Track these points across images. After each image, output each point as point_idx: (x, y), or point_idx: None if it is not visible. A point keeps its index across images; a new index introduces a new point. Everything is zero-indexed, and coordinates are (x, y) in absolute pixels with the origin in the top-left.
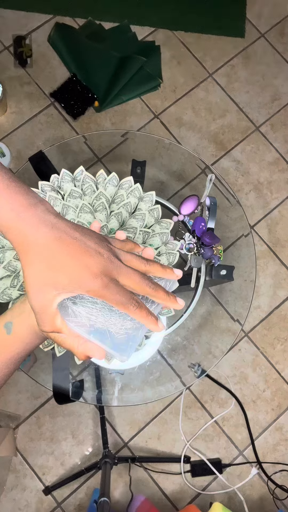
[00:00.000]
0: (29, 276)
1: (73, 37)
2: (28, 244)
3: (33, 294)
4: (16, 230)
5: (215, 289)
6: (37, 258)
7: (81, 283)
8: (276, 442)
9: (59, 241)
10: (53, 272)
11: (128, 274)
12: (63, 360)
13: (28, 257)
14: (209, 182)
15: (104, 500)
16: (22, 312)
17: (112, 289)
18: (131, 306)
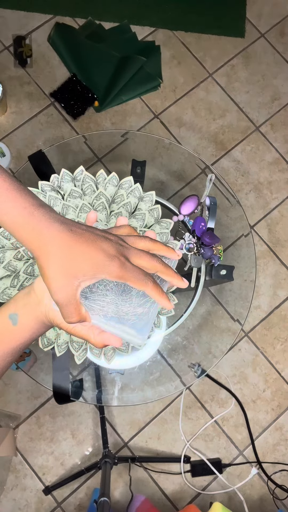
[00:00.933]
0: (50, 270)
1: (73, 37)
2: (44, 240)
3: (57, 287)
4: (30, 227)
5: (215, 289)
6: (55, 251)
7: (101, 266)
8: (276, 442)
9: (72, 232)
10: (73, 262)
11: (138, 253)
12: (63, 360)
13: (45, 252)
14: (209, 182)
15: (104, 500)
16: (27, 304)
17: (129, 267)
18: (149, 282)
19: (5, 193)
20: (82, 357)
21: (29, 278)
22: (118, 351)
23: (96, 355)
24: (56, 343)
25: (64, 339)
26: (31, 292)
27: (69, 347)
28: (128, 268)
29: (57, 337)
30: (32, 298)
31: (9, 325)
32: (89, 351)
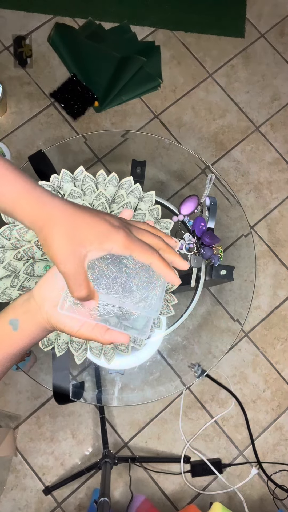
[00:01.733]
0: (55, 239)
1: (73, 37)
2: (48, 209)
3: (63, 258)
4: (33, 199)
5: (215, 289)
6: (60, 220)
7: (106, 235)
8: (276, 442)
9: (74, 205)
10: (78, 230)
11: (140, 230)
12: (63, 360)
13: (49, 221)
14: (209, 182)
15: (104, 500)
16: (27, 311)
17: (134, 239)
18: (155, 253)
19: (5, 174)
20: (82, 357)
21: (29, 278)
22: (118, 351)
23: (96, 355)
24: (56, 343)
25: (64, 339)
26: (31, 299)
27: (69, 347)
28: (134, 239)
29: (57, 337)
30: (32, 305)
31: (10, 330)
32: (89, 351)
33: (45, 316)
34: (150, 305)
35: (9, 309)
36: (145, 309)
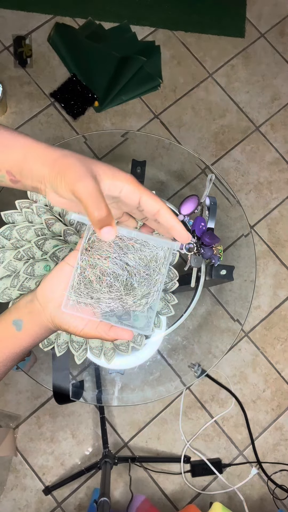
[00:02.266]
0: (71, 166)
1: (73, 37)
2: (60, 151)
3: (81, 178)
4: (43, 146)
5: (215, 289)
6: (74, 155)
7: (119, 172)
8: (276, 442)
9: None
10: (93, 163)
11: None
12: (63, 360)
13: (63, 157)
14: (209, 182)
15: (104, 500)
16: (31, 312)
17: (141, 185)
18: (163, 202)
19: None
20: (82, 357)
21: (29, 278)
22: (118, 351)
23: (96, 355)
24: (56, 343)
25: (64, 339)
26: (34, 300)
27: (69, 347)
28: (140, 185)
29: (57, 337)
30: (36, 305)
31: (13, 331)
32: (89, 351)
33: (49, 317)
34: (153, 301)
35: (13, 309)
36: (147, 305)
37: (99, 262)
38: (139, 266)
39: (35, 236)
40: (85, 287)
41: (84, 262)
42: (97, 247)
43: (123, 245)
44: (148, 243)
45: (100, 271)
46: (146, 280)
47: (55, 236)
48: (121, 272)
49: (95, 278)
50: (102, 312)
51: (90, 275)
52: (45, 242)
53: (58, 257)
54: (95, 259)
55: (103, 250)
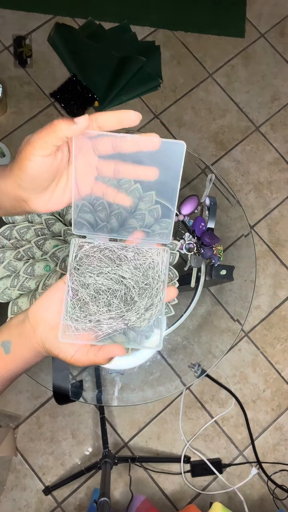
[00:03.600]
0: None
1: (73, 37)
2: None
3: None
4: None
5: (215, 289)
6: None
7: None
8: (276, 442)
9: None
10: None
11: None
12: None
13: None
14: (209, 182)
15: (104, 500)
16: (21, 334)
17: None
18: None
19: None
20: None
21: (29, 278)
22: None
23: None
24: None
25: None
26: (26, 321)
27: None
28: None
29: None
30: (27, 327)
31: (1, 353)
32: None
33: (39, 340)
34: (158, 312)
35: (4, 329)
36: (153, 318)
37: (91, 280)
38: (136, 276)
39: (35, 236)
40: (81, 311)
41: (75, 283)
42: (86, 264)
43: (114, 257)
44: (141, 249)
45: (94, 290)
46: (147, 290)
47: (55, 236)
48: (118, 287)
49: (90, 299)
50: (104, 334)
51: (84, 296)
52: (45, 242)
53: (58, 257)
54: (86, 278)
55: (94, 266)
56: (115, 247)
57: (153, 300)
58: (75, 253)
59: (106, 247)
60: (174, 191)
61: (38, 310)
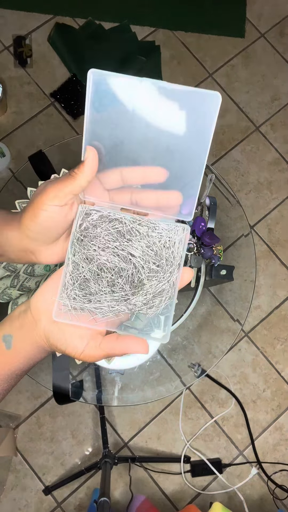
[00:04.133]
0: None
1: (73, 37)
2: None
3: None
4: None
5: (215, 289)
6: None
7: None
8: (276, 442)
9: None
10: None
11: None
12: (63, 360)
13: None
14: (209, 182)
15: (104, 500)
16: (22, 326)
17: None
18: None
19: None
20: None
21: (29, 278)
22: None
23: None
24: None
25: None
26: (28, 311)
27: None
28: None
29: None
30: (28, 318)
31: (3, 348)
32: None
33: (42, 333)
34: (169, 299)
35: (6, 321)
36: (162, 305)
37: (96, 254)
38: (148, 256)
39: None
40: (81, 288)
41: (77, 256)
42: (92, 235)
43: (125, 230)
44: (158, 225)
45: (97, 266)
46: (159, 273)
47: None
48: (125, 266)
49: (92, 276)
50: (103, 316)
51: (85, 272)
52: None
53: None
54: (90, 251)
55: (100, 238)
56: (127, 219)
57: (164, 286)
58: (80, 221)
59: (116, 218)
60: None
61: (41, 299)
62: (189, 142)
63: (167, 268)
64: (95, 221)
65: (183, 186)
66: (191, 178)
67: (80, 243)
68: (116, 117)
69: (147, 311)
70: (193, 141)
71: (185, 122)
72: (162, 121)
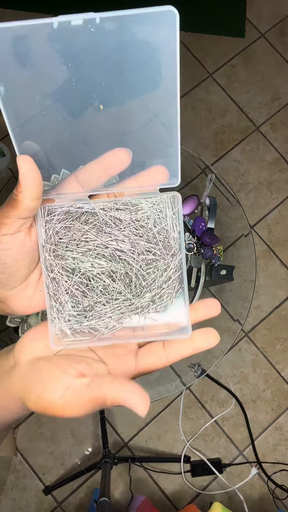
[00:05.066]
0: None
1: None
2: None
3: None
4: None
5: (215, 289)
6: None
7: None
8: (276, 442)
9: None
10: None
11: None
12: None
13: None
14: (209, 182)
15: (104, 500)
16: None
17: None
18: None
19: None
20: None
21: None
22: None
23: None
24: None
25: None
26: (10, 354)
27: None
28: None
29: None
30: (9, 360)
31: None
32: None
33: (17, 378)
34: (178, 288)
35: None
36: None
37: (76, 263)
38: (139, 245)
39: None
40: (72, 306)
41: (55, 271)
42: (64, 240)
43: (102, 222)
44: (140, 204)
45: (83, 276)
46: (157, 262)
47: None
48: (116, 265)
49: (81, 289)
50: (105, 334)
51: (70, 287)
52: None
53: None
54: (68, 261)
55: (77, 241)
56: (99, 208)
57: (168, 273)
58: (45, 228)
59: (86, 211)
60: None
61: (27, 337)
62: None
63: (166, 252)
64: (61, 220)
65: (162, 152)
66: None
67: (53, 254)
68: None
69: (160, 309)
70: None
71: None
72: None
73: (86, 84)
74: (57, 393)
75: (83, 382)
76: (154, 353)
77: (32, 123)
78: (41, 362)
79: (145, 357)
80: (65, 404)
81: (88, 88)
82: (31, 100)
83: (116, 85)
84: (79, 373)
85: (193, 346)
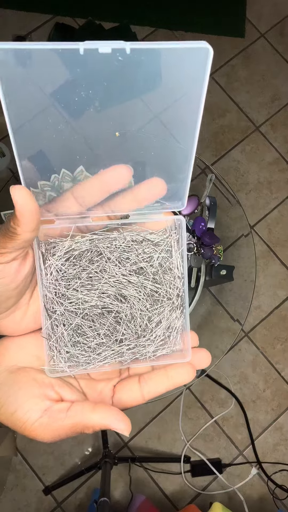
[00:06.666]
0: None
1: (73, 37)
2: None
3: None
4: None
5: (215, 289)
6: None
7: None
8: (276, 442)
9: None
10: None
11: None
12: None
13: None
14: (209, 182)
15: (104, 500)
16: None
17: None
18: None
19: None
20: None
21: None
22: None
23: None
24: None
25: None
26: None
27: None
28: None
29: None
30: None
31: None
32: None
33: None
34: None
35: None
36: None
37: (80, 303)
38: (144, 287)
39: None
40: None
41: (58, 312)
42: (67, 279)
43: (106, 258)
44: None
45: (85, 317)
46: (162, 302)
47: None
48: (120, 305)
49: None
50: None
51: (73, 330)
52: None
53: None
54: (72, 301)
55: (73, 279)
56: (103, 245)
57: (171, 313)
58: (47, 265)
59: (89, 249)
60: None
61: (15, 343)
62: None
63: (171, 292)
64: (62, 256)
65: (172, 178)
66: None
67: (57, 286)
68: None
69: (163, 350)
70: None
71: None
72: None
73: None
74: (34, 415)
75: (61, 407)
76: (129, 392)
77: (32, 123)
78: (21, 373)
79: (120, 394)
80: (40, 428)
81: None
82: (34, 101)
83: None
84: (59, 397)
85: (170, 382)
